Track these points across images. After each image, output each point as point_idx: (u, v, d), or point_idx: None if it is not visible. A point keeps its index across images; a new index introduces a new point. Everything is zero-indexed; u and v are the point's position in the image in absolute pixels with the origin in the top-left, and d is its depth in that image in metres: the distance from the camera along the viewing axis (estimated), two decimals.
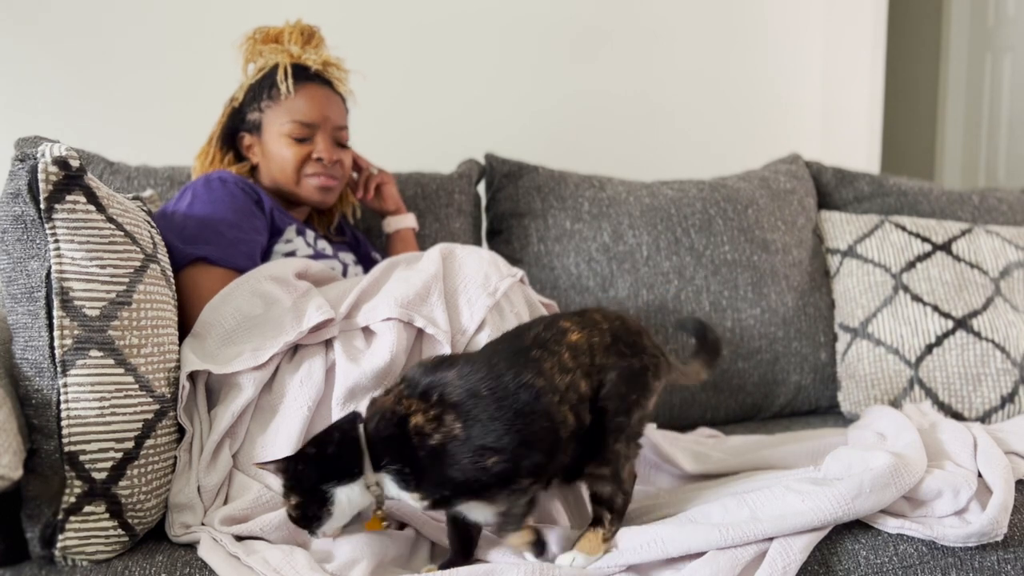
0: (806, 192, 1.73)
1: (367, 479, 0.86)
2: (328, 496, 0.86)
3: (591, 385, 0.92)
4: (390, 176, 1.51)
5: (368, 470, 0.86)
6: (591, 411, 0.92)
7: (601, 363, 0.94)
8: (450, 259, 1.15)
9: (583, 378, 0.91)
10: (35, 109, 1.82)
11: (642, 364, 0.97)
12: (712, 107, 2.30)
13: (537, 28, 2.14)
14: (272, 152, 1.34)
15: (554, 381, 0.89)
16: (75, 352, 0.90)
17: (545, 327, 0.95)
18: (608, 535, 0.91)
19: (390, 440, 0.85)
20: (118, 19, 1.86)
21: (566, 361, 0.91)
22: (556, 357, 0.91)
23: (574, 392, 0.90)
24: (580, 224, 1.59)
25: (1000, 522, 0.92)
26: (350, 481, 0.86)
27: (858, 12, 2.39)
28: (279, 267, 1.16)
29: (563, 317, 0.98)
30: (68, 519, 0.90)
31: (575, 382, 0.90)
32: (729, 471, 1.17)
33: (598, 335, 0.95)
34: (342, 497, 0.86)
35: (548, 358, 0.90)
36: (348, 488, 0.86)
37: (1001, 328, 1.49)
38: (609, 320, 0.99)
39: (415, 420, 0.85)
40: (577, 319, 0.97)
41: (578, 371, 0.91)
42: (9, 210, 0.91)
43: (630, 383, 0.95)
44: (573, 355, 0.92)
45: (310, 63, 1.35)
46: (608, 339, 0.96)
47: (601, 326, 0.97)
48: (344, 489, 0.86)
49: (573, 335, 0.94)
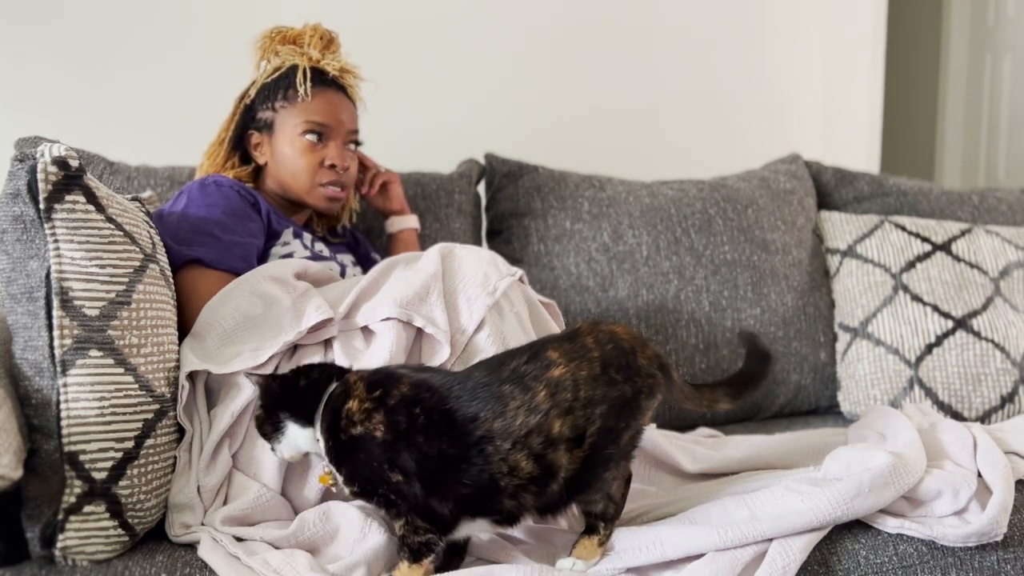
0: (806, 192, 1.73)
1: (317, 431, 0.90)
2: (282, 424, 0.91)
3: (573, 423, 0.85)
4: (396, 176, 1.51)
5: (319, 424, 0.89)
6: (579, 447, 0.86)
7: (587, 396, 0.86)
8: (449, 258, 1.15)
9: (559, 418, 0.85)
10: (35, 109, 1.83)
11: (635, 389, 0.90)
12: (712, 107, 2.30)
13: (537, 28, 2.14)
14: (283, 155, 1.33)
15: (512, 424, 0.84)
16: (75, 352, 0.90)
17: (529, 358, 0.88)
18: (604, 539, 0.91)
19: (330, 410, 0.88)
20: (118, 19, 1.86)
21: (539, 401, 0.85)
22: (529, 395, 0.85)
23: (540, 437, 0.84)
24: (580, 224, 1.59)
25: (1000, 522, 0.92)
26: (303, 424, 0.91)
27: (858, 12, 2.39)
28: (278, 267, 1.16)
29: (552, 345, 0.90)
30: (68, 519, 0.90)
31: (544, 424, 0.84)
32: (729, 471, 1.17)
33: (586, 367, 0.88)
34: (292, 432, 0.91)
35: (519, 396, 0.85)
36: (299, 429, 0.91)
37: (1001, 328, 1.49)
38: (600, 345, 0.90)
39: (350, 404, 0.87)
40: (567, 347, 0.89)
41: (553, 411, 0.84)
42: (9, 210, 0.91)
43: (620, 414, 0.88)
44: (551, 393, 0.85)
45: (328, 68, 1.35)
46: (597, 368, 0.88)
47: (591, 354, 0.89)
48: (295, 427, 0.91)
49: (557, 370, 0.87)
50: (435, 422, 0.85)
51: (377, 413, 0.85)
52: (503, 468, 0.83)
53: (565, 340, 0.91)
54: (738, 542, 0.87)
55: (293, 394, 0.91)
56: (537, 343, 0.93)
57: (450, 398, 0.86)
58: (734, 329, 1.58)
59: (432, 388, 0.87)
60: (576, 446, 0.86)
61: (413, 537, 0.85)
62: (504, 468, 0.83)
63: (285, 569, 0.86)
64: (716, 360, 1.57)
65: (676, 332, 1.56)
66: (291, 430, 0.91)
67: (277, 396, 0.91)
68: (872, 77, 2.42)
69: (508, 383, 0.86)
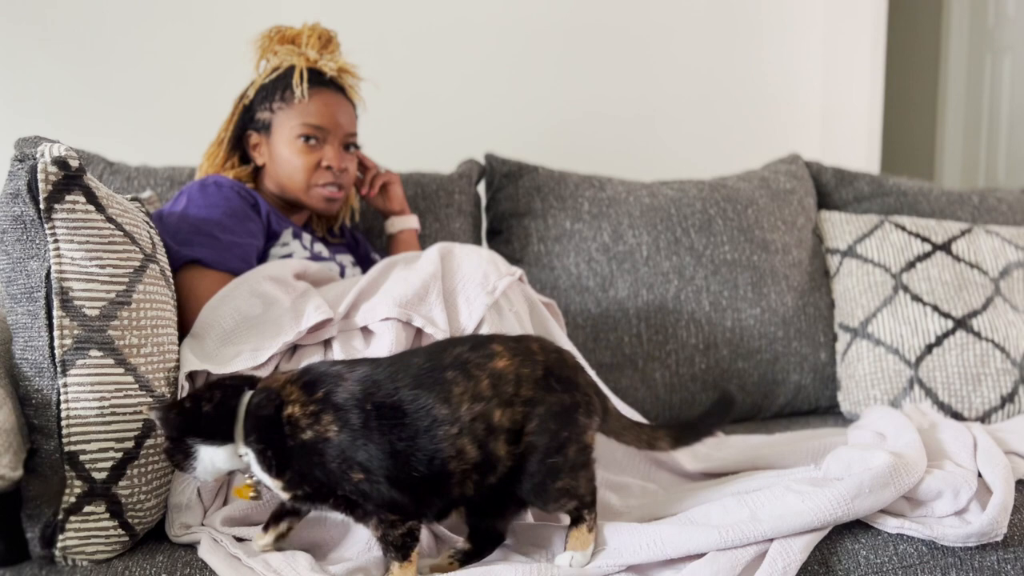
0: (806, 192, 1.73)
1: (238, 447, 0.87)
2: (192, 450, 0.87)
3: (512, 417, 0.87)
4: (396, 176, 1.51)
5: (239, 439, 0.87)
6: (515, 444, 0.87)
7: (528, 396, 0.88)
8: (448, 258, 1.15)
9: (500, 408, 0.86)
10: (35, 109, 1.83)
11: (573, 400, 0.90)
12: (712, 107, 2.30)
13: (537, 28, 2.14)
14: (281, 156, 1.33)
15: (459, 410, 0.85)
16: (75, 352, 0.90)
17: (473, 346, 0.90)
18: (591, 525, 0.91)
19: (262, 420, 0.86)
20: (118, 19, 1.86)
21: (483, 389, 0.86)
22: (473, 382, 0.86)
23: (483, 423, 0.85)
24: (580, 224, 1.59)
25: (1000, 522, 0.92)
26: (217, 444, 0.87)
27: (858, 12, 2.39)
28: (278, 267, 1.16)
29: (498, 339, 0.92)
30: (68, 519, 0.90)
31: (487, 412, 0.85)
32: (729, 471, 1.17)
33: (529, 366, 0.89)
34: (205, 455, 0.87)
35: (463, 382, 0.86)
36: (212, 449, 0.87)
37: (1001, 328, 1.49)
38: (546, 352, 0.92)
39: (291, 409, 0.85)
40: (512, 344, 0.91)
41: (494, 400, 0.86)
42: (9, 210, 0.91)
43: (560, 420, 0.88)
44: (493, 383, 0.86)
45: (326, 69, 1.35)
46: (540, 372, 0.89)
47: (536, 357, 0.90)
48: (208, 449, 0.87)
49: (500, 361, 0.88)
50: (387, 415, 0.84)
51: (326, 414, 0.84)
52: (451, 452, 0.84)
53: (510, 339, 0.93)
54: (738, 542, 0.86)
55: (198, 418, 0.86)
56: (481, 336, 0.94)
57: (397, 389, 0.86)
58: (734, 329, 1.58)
59: (376, 381, 0.86)
60: (513, 441, 0.87)
61: (393, 532, 0.85)
62: (452, 452, 0.84)
63: (285, 570, 0.86)
64: (716, 360, 1.57)
65: (676, 332, 1.56)
66: (204, 453, 0.87)
67: (182, 425, 0.86)
68: (872, 77, 2.42)
69: (451, 369, 0.87)
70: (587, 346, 1.53)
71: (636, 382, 1.55)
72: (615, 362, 1.54)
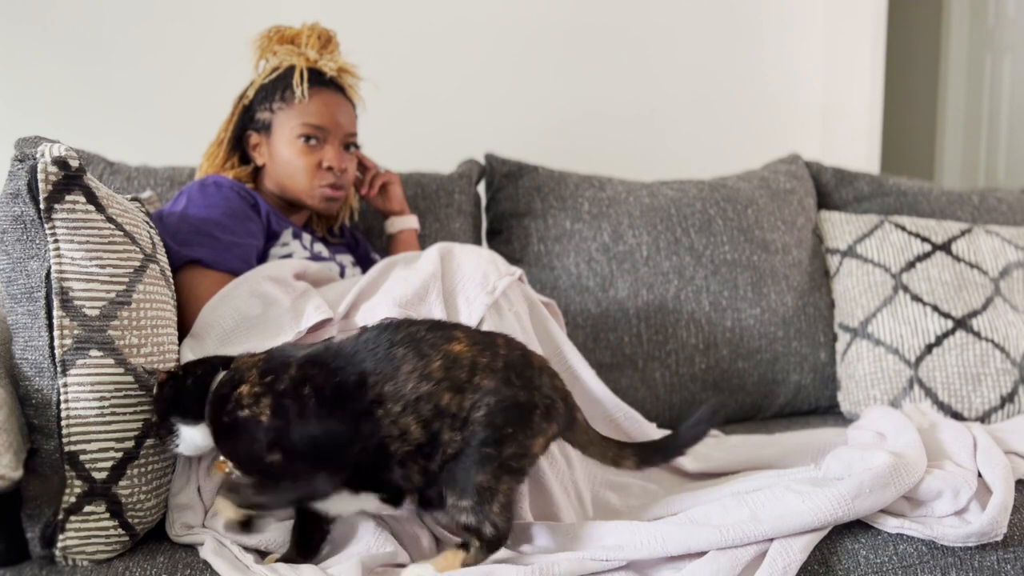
0: (806, 192, 1.73)
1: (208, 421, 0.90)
2: (174, 428, 0.91)
3: (461, 403, 0.85)
4: (396, 176, 1.50)
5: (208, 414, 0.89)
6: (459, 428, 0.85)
7: (479, 384, 0.85)
8: (448, 258, 1.15)
9: (449, 391, 0.84)
10: (35, 109, 1.83)
11: (530, 399, 0.87)
12: (712, 107, 2.30)
13: (537, 28, 2.14)
14: (281, 156, 1.33)
15: (404, 388, 0.84)
16: (75, 352, 0.90)
17: (431, 327, 0.89)
18: (470, 561, 0.85)
19: (220, 398, 0.88)
20: (118, 19, 1.86)
21: (434, 370, 0.84)
22: (424, 361, 0.85)
23: (429, 404, 0.84)
24: (580, 224, 1.59)
25: (1000, 522, 0.92)
26: (192, 422, 0.90)
27: (858, 12, 2.39)
28: (277, 268, 1.16)
29: (461, 328, 0.91)
30: (68, 519, 0.90)
31: (435, 393, 0.84)
32: (729, 471, 1.17)
33: (488, 356, 0.87)
34: (185, 433, 0.91)
35: (412, 359, 0.85)
36: (190, 428, 0.90)
37: (1001, 328, 1.49)
38: (510, 348, 0.90)
39: (241, 389, 0.87)
40: (477, 335, 0.90)
41: (444, 383, 0.84)
42: (9, 210, 0.91)
43: (509, 414, 0.85)
44: (446, 365, 0.85)
45: (326, 69, 1.34)
46: (499, 364, 0.87)
47: (498, 351, 0.88)
48: (187, 428, 0.90)
49: (458, 345, 0.86)
50: (326, 398, 0.85)
51: (266, 397, 0.86)
52: (393, 431, 0.84)
53: (477, 332, 0.92)
54: (739, 541, 0.87)
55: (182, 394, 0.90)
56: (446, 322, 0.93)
57: (339, 368, 0.86)
58: (734, 329, 1.58)
59: (320, 363, 0.87)
60: (459, 428, 0.85)
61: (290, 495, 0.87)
62: (394, 431, 0.84)
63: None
64: (716, 360, 1.57)
65: (676, 332, 1.56)
66: (184, 432, 0.90)
67: (169, 400, 0.90)
68: (872, 77, 2.42)
69: (401, 346, 0.86)
70: (587, 346, 1.53)
71: (636, 382, 1.55)
72: (615, 362, 1.54)
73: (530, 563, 0.86)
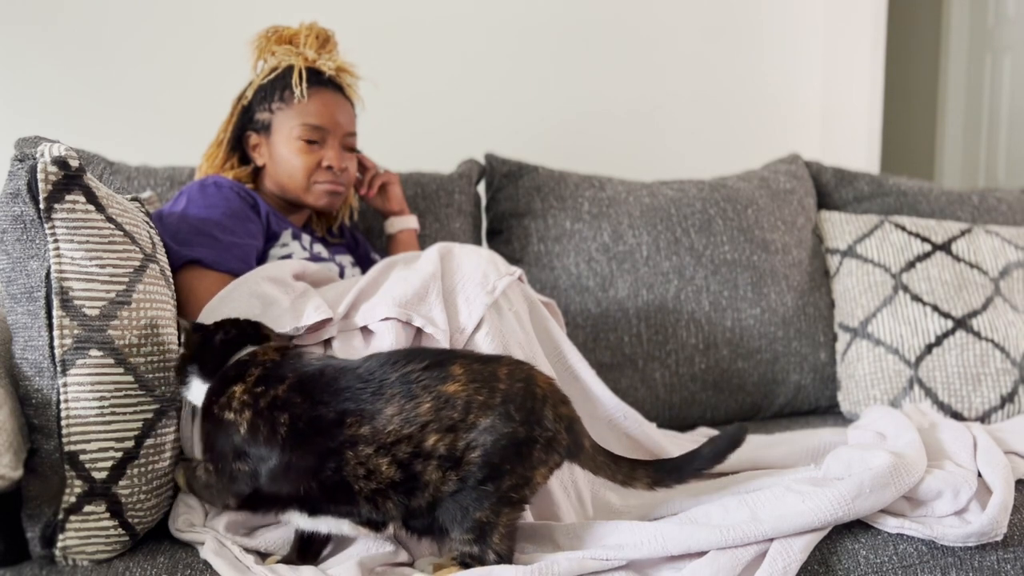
0: (806, 192, 1.73)
1: None
2: (188, 377, 0.94)
3: (453, 443, 0.83)
4: (396, 176, 1.50)
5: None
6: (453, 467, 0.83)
7: (474, 422, 0.84)
8: (448, 258, 1.15)
9: (437, 433, 0.83)
10: (35, 109, 1.83)
11: (529, 434, 0.85)
12: (712, 107, 2.30)
13: (537, 28, 2.14)
14: (281, 156, 1.33)
15: (383, 431, 0.83)
16: (75, 352, 0.90)
17: (429, 365, 0.86)
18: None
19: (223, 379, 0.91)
20: (119, 20, 1.86)
21: (421, 413, 0.83)
22: (412, 403, 0.83)
23: (408, 446, 0.83)
24: (580, 224, 1.59)
25: (1000, 522, 0.93)
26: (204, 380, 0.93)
27: (858, 12, 2.39)
28: (277, 268, 1.16)
29: (461, 360, 0.88)
30: (68, 519, 0.90)
31: (416, 435, 0.83)
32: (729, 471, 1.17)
33: (486, 393, 0.85)
34: (193, 384, 0.94)
35: (399, 401, 0.84)
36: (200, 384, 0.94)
37: (1001, 328, 1.49)
38: (511, 381, 0.87)
39: (237, 388, 0.89)
40: (476, 367, 0.87)
41: (431, 425, 0.83)
42: (8, 210, 0.91)
43: (506, 452, 0.84)
44: (436, 407, 0.83)
45: (325, 68, 1.34)
46: (497, 400, 0.85)
47: (498, 384, 0.86)
48: (197, 381, 0.94)
49: (453, 385, 0.84)
50: (298, 431, 0.85)
51: (248, 411, 0.87)
52: (359, 472, 0.83)
53: (477, 360, 0.89)
54: (739, 541, 0.86)
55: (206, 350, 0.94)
56: (449, 353, 0.91)
57: (321, 403, 0.86)
58: (734, 329, 1.58)
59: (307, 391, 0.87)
60: (452, 467, 0.83)
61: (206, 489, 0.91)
62: (360, 472, 0.83)
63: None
64: (716, 360, 1.57)
65: (676, 332, 1.56)
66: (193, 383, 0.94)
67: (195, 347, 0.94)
68: (872, 77, 2.42)
69: (395, 386, 0.85)
70: (587, 346, 1.53)
71: (636, 382, 1.55)
72: (615, 362, 1.54)
73: (530, 563, 0.86)
